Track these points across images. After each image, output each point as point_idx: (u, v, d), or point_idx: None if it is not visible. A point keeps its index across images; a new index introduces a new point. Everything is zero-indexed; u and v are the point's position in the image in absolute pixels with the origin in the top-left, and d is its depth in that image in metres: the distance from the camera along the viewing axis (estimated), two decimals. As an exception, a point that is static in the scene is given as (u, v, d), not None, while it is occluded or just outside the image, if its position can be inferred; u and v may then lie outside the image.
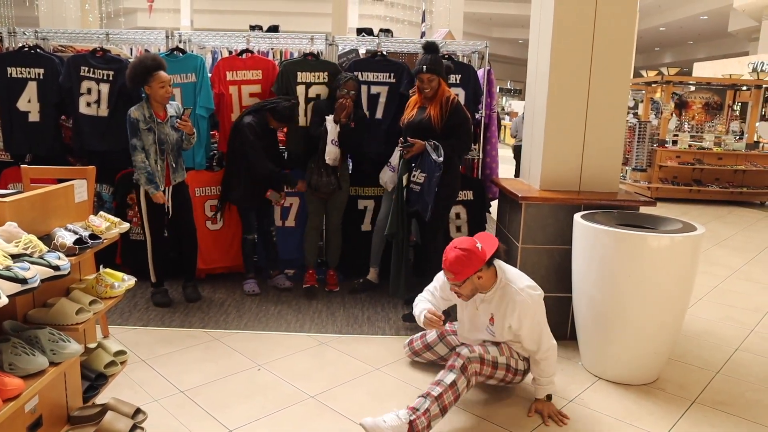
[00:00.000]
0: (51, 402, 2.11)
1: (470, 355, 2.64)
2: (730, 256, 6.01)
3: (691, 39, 23.03)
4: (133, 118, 3.63)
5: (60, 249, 1.96)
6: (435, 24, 14.43)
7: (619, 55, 3.54)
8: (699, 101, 10.88)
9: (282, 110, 4.03)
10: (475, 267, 2.59)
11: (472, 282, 2.64)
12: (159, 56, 3.76)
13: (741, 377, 3.23)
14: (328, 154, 3.98)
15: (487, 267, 2.66)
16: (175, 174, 3.83)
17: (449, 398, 2.55)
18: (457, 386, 2.57)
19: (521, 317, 2.63)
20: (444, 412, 2.53)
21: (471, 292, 2.70)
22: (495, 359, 2.72)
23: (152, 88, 3.61)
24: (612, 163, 3.65)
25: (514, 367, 2.77)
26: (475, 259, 2.59)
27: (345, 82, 4.00)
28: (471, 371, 2.62)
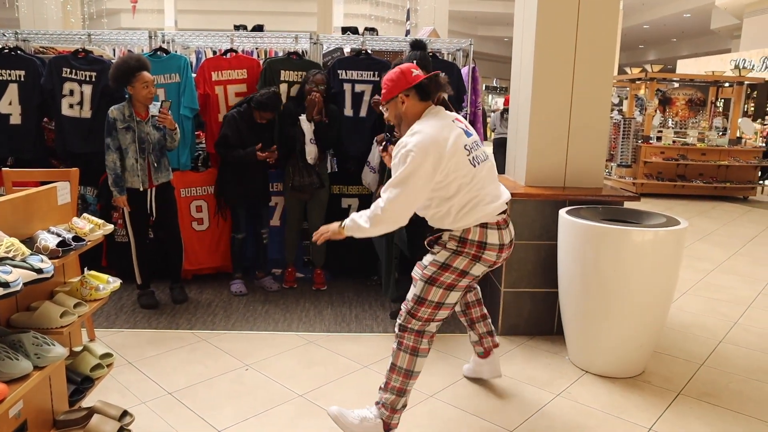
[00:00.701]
0: (36, 406, 2.09)
1: (398, 322, 2.49)
2: (714, 250, 6.08)
3: (675, 36, 23.25)
4: (111, 117, 3.61)
5: (43, 252, 1.95)
6: (420, 22, 14.45)
7: (602, 52, 3.57)
8: (682, 98, 10.99)
9: (260, 98, 4.00)
10: (400, 87, 2.41)
11: (396, 105, 2.45)
12: (143, 56, 3.73)
13: (725, 369, 3.27)
14: (309, 153, 3.98)
15: (417, 97, 2.43)
16: (158, 174, 3.80)
17: (396, 380, 2.44)
18: (398, 365, 2.45)
19: (394, 153, 2.37)
20: (401, 393, 2.44)
21: (396, 119, 2.49)
22: (416, 296, 2.45)
23: (135, 89, 3.59)
24: (596, 159, 3.68)
25: (440, 278, 2.41)
26: (402, 81, 2.42)
27: (313, 76, 4.01)
28: (406, 341, 2.45)
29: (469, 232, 2.39)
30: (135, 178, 3.71)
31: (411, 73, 2.43)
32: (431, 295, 2.42)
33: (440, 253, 2.44)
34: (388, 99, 2.47)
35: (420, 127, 2.35)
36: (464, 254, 2.40)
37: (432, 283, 2.42)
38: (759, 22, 14.53)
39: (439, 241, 2.47)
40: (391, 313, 3.86)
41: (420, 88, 2.42)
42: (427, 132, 2.32)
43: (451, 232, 2.42)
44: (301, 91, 4.15)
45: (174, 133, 3.80)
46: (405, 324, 2.47)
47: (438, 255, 2.44)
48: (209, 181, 4.39)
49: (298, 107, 4.10)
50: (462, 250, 2.40)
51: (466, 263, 2.40)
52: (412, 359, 2.45)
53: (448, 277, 2.41)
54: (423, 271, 2.46)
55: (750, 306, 4.35)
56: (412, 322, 2.46)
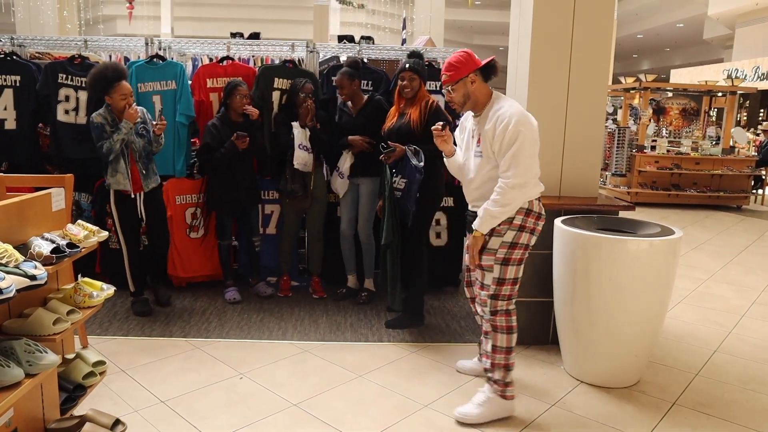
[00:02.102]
0: (27, 414, 2.07)
1: (488, 310, 2.73)
2: (708, 260, 6.10)
3: (668, 46, 23.43)
4: (97, 122, 3.57)
5: (37, 258, 1.94)
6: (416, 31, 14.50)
7: (597, 61, 3.59)
8: (676, 107, 11.07)
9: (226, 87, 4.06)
10: (469, 68, 2.67)
11: (465, 86, 2.69)
12: (121, 66, 3.71)
13: (720, 379, 3.27)
14: (297, 158, 3.99)
15: (482, 79, 2.71)
16: (147, 180, 3.77)
17: (501, 359, 2.73)
18: (498, 345, 2.73)
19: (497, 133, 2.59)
20: (507, 368, 2.75)
21: (463, 98, 2.72)
22: (497, 278, 2.69)
23: (113, 99, 3.56)
24: (591, 169, 3.69)
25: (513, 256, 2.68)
26: (470, 62, 2.69)
27: (302, 86, 4.04)
28: (500, 323, 2.73)
29: (533, 204, 2.67)
30: (126, 181, 3.67)
31: (475, 56, 2.73)
32: (509, 273, 2.70)
33: (506, 233, 2.65)
34: (457, 79, 2.69)
35: (507, 104, 2.65)
36: (526, 229, 2.67)
37: (507, 263, 2.69)
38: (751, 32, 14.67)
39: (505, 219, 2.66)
40: (386, 322, 3.84)
41: (486, 70, 2.71)
42: (517, 106, 2.64)
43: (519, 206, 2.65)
44: (289, 99, 4.15)
45: (160, 138, 3.79)
46: (494, 308, 2.73)
47: (505, 236, 2.66)
48: (204, 188, 4.37)
49: (288, 116, 4.11)
50: (525, 225, 2.66)
51: (528, 237, 2.69)
52: (509, 337, 2.75)
53: (518, 253, 2.69)
54: (496, 256, 2.68)
55: (744, 315, 4.36)
56: (499, 304, 2.73)
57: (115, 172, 3.65)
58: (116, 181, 3.67)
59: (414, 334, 3.72)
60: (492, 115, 2.64)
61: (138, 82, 4.21)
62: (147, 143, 3.74)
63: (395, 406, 2.84)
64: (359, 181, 4.09)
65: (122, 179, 3.67)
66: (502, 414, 2.75)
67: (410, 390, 3.01)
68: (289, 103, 4.15)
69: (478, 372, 3.15)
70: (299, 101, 4.02)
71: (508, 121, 2.55)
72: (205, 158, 4.07)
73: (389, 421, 2.71)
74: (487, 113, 2.69)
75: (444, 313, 4.14)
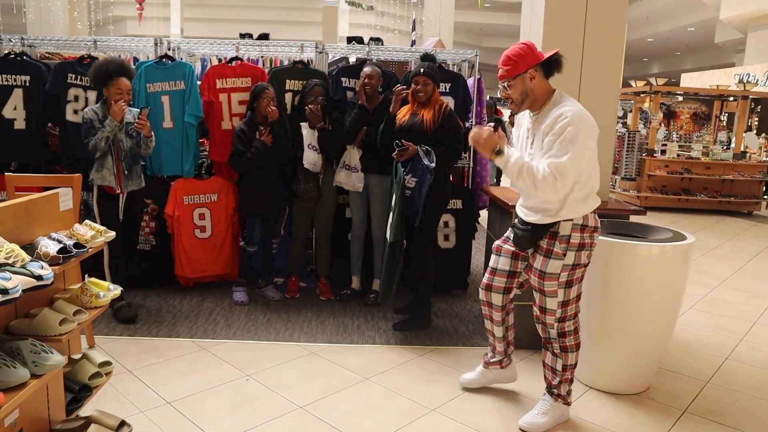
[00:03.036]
0: (32, 415, 2.06)
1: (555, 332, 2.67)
2: (719, 265, 6.04)
3: (679, 50, 23.30)
4: (87, 118, 3.55)
5: (43, 258, 1.93)
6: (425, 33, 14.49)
7: (609, 65, 3.56)
8: (687, 111, 10.99)
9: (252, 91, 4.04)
10: (528, 62, 2.46)
11: (523, 82, 2.49)
12: (126, 63, 3.68)
13: (731, 386, 3.23)
14: (306, 158, 4.00)
15: (543, 75, 2.51)
16: (128, 181, 3.71)
17: (569, 374, 2.72)
18: (569, 363, 2.70)
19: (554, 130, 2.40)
20: (571, 381, 2.76)
21: (521, 96, 2.52)
22: (562, 302, 2.61)
23: (109, 92, 3.54)
24: (602, 172, 3.63)
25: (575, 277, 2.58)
26: (531, 56, 2.47)
27: (311, 89, 4.06)
28: (569, 343, 2.67)
29: (588, 218, 2.54)
30: (112, 177, 3.63)
31: (536, 48, 2.51)
32: (572, 293, 2.62)
33: (567, 255, 2.53)
34: (515, 74, 2.49)
35: (570, 103, 2.47)
36: (585, 246, 2.55)
37: (570, 285, 2.60)
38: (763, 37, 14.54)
39: (561, 238, 2.53)
40: (394, 325, 3.82)
41: (547, 64, 2.50)
42: (582, 109, 2.45)
43: (573, 222, 2.51)
44: (301, 100, 4.19)
45: (149, 140, 3.72)
46: (562, 330, 2.66)
47: (566, 258, 2.53)
48: (213, 188, 4.37)
49: (301, 117, 4.13)
50: (584, 242, 2.53)
51: (588, 254, 2.58)
52: (577, 354, 2.70)
53: (579, 272, 2.60)
54: (559, 280, 2.57)
55: (756, 322, 4.30)
56: (567, 325, 2.66)
57: (101, 168, 3.61)
58: (102, 177, 3.62)
59: (421, 337, 3.70)
60: (551, 114, 2.44)
61: (147, 82, 4.22)
62: (135, 145, 3.70)
63: (402, 410, 2.82)
64: (369, 178, 4.08)
65: (108, 175, 3.62)
66: (563, 419, 2.76)
67: (418, 393, 2.98)
68: (301, 104, 4.16)
69: (483, 382, 3.06)
70: (306, 103, 4.04)
71: (569, 121, 2.37)
72: (237, 161, 4.02)
73: (396, 424, 2.69)
74: (546, 112, 2.49)
75: (452, 315, 4.12)
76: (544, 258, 2.57)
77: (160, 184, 4.35)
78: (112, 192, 3.69)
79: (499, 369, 3.03)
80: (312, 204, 4.15)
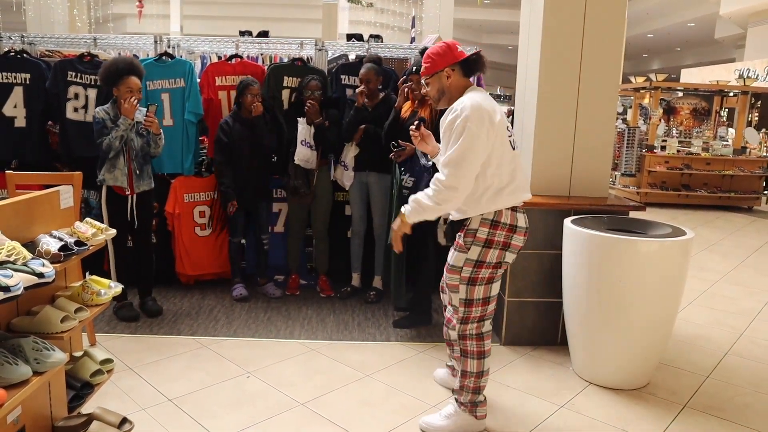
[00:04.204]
0: (34, 412, 2.07)
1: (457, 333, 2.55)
2: (719, 261, 6.04)
3: (679, 46, 23.23)
4: (99, 118, 3.54)
5: (44, 256, 1.93)
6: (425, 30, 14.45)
7: (608, 61, 3.56)
8: (687, 107, 10.98)
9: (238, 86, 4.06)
10: (446, 61, 2.45)
11: (440, 80, 2.47)
12: (136, 61, 3.68)
13: (731, 381, 3.23)
14: (298, 154, 4.01)
15: (461, 73, 2.48)
16: (139, 181, 3.70)
17: (470, 382, 2.54)
18: (468, 370, 2.53)
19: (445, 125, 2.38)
20: (477, 391, 2.56)
21: (437, 93, 2.51)
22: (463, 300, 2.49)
23: (120, 92, 3.54)
24: (601, 168, 3.66)
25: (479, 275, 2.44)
26: (449, 55, 2.46)
27: (307, 83, 4.07)
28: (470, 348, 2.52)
29: (501, 214, 2.41)
30: (124, 178, 3.63)
31: (457, 48, 2.49)
32: (476, 293, 2.47)
33: (471, 250, 2.43)
34: (433, 72, 2.49)
35: (468, 96, 2.39)
36: (495, 244, 2.41)
37: (473, 283, 2.45)
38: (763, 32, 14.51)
39: (468, 231, 2.44)
40: (394, 321, 3.83)
41: (466, 64, 2.48)
42: (477, 100, 2.36)
43: (483, 216, 2.41)
44: (298, 95, 4.18)
45: (158, 138, 3.71)
46: (463, 332, 2.53)
47: (470, 253, 2.43)
48: (213, 186, 4.38)
49: (296, 112, 4.13)
50: (492, 239, 2.40)
51: (498, 254, 2.43)
52: (480, 363, 2.54)
53: (485, 272, 2.44)
54: (461, 275, 2.46)
55: (756, 317, 4.31)
56: (468, 328, 2.52)
57: (113, 168, 3.60)
58: (114, 177, 3.61)
59: (422, 334, 3.70)
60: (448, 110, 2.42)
61: (147, 80, 4.21)
62: (146, 144, 3.70)
63: (403, 406, 2.83)
64: (368, 176, 4.09)
65: (120, 176, 3.62)
66: (469, 430, 2.58)
67: (418, 390, 2.99)
68: (298, 100, 4.16)
69: (448, 385, 2.97)
70: (303, 99, 4.04)
71: (458, 114, 2.32)
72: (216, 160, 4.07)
73: (397, 421, 2.69)
74: None
75: (452, 313, 4.12)
76: (452, 251, 2.52)
77: (160, 182, 4.34)
78: (122, 193, 3.68)
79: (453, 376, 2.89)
80: (306, 200, 4.15)
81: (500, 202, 2.41)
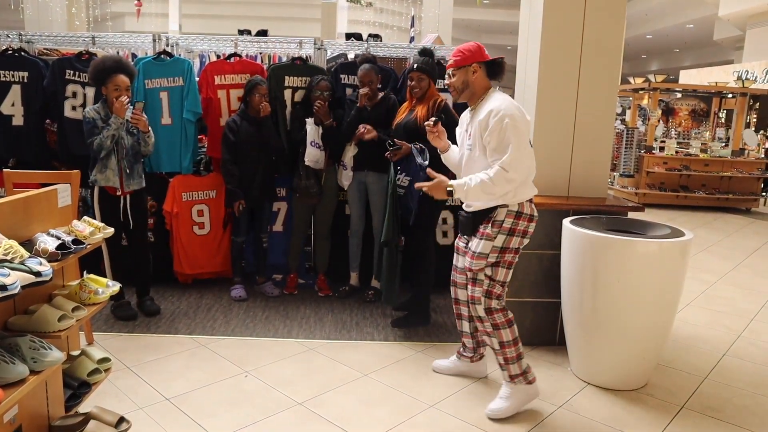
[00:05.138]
0: (31, 411, 2.06)
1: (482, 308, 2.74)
2: (717, 262, 6.05)
3: (678, 47, 23.27)
4: (89, 117, 3.51)
5: (42, 254, 1.92)
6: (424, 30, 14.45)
7: (607, 62, 3.56)
8: (685, 108, 10.99)
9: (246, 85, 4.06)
10: (475, 58, 2.72)
11: (466, 73, 2.73)
12: (124, 59, 3.65)
13: (729, 382, 3.23)
14: (308, 155, 4.00)
15: (485, 72, 2.75)
16: (129, 180, 3.67)
17: (511, 351, 2.75)
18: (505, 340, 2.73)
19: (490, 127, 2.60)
20: (520, 357, 2.77)
21: (462, 85, 2.75)
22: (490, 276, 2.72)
23: (107, 90, 3.52)
24: (600, 169, 3.66)
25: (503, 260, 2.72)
26: (479, 54, 2.74)
27: (317, 83, 4.06)
28: (498, 320, 2.73)
29: (523, 206, 2.68)
30: (115, 178, 3.60)
31: (485, 50, 2.78)
32: (499, 274, 2.73)
33: (497, 238, 2.68)
34: (461, 65, 2.74)
35: (501, 98, 2.67)
36: (517, 232, 2.68)
37: (497, 265, 2.73)
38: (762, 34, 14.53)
39: (495, 222, 2.68)
40: (392, 321, 3.83)
41: (491, 66, 2.77)
42: (513, 102, 2.68)
43: (509, 208, 2.67)
44: (307, 96, 4.17)
45: (147, 136, 3.68)
46: (488, 306, 2.74)
47: (496, 240, 2.68)
48: (211, 185, 4.37)
49: (306, 112, 4.11)
50: (515, 228, 2.67)
51: (520, 240, 2.71)
52: (512, 329, 2.76)
53: (509, 256, 2.72)
54: (487, 260, 2.70)
55: (753, 319, 4.31)
56: (493, 302, 2.74)
57: (104, 168, 3.58)
58: (105, 178, 3.58)
59: (420, 333, 3.70)
60: (484, 109, 2.66)
61: (145, 78, 4.21)
62: (136, 142, 3.67)
63: (401, 406, 2.83)
64: (367, 176, 4.08)
65: (112, 176, 3.59)
66: (530, 399, 2.81)
67: (416, 390, 2.99)
68: (307, 100, 4.16)
69: (454, 371, 3.18)
70: (313, 98, 4.03)
71: (503, 115, 2.56)
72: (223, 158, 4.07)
73: (395, 420, 2.69)
74: (480, 106, 2.72)
75: (450, 312, 4.09)
76: (478, 240, 2.73)
77: (158, 181, 4.34)
78: (113, 193, 3.66)
79: (470, 362, 3.17)
80: (314, 200, 4.15)
81: (523, 194, 2.68)
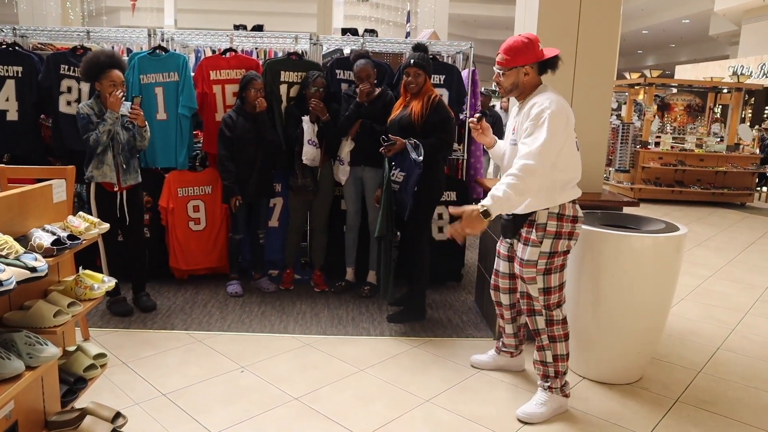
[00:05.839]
0: (27, 407, 2.06)
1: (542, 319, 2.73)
2: (712, 256, 6.08)
3: (673, 42, 23.31)
4: (83, 113, 3.49)
5: (37, 250, 1.92)
6: (420, 25, 14.44)
7: (603, 57, 3.56)
8: (681, 103, 11.00)
9: (242, 80, 4.04)
10: (528, 58, 2.58)
11: (517, 74, 2.62)
12: (117, 55, 3.62)
13: (723, 376, 3.26)
14: (305, 154, 4.00)
15: (537, 72, 2.64)
16: (126, 176, 3.65)
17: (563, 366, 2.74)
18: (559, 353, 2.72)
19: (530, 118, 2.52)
20: (565, 372, 2.76)
21: (510, 86, 2.66)
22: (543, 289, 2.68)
23: (102, 86, 3.49)
24: (596, 164, 3.67)
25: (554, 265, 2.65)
26: (531, 53, 2.58)
27: (313, 80, 4.05)
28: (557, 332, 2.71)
29: (565, 207, 2.62)
30: (112, 173, 3.58)
31: (539, 46, 2.61)
32: (552, 281, 2.67)
33: (544, 243, 2.62)
34: (512, 66, 2.61)
35: (553, 95, 2.55)
36: (563, 235, 2.62)
37: (549, 272, 2.66)
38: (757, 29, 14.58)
39: (538, 225, 2.63)
40: (388, 316, 3.84)
41: (543, 65, 2.63)
42: (561, 100, 2.55)
43: (549, 210, 2.61)
44: (302, 92, 4.16)
45: (144, 131, 3.67)
46: (550, 318, 2.71)
47: (543, 246, 2.63)
48: (207, 180, 4.36)
49: (300, 108, 4.10)
50: (561, 231, 2.61)
51: (567, 243, 2.65)
52: (567, 344, 2.74)
53: (558, 260, 2.66)
54: (536, 267, 2.66)
55: (747, 313, 4.34)
56: (555, 314, 2.71)
57: (101, 164, 3.56)
58: (102, 174, 3.56)
59: (416, 329, 3.71)
60: (530, 104, 2.58)
61: (140, 73, 4.19)
62: (131, 137, 3.66)
63: (397, 401, 2.84)
64: (363, 171, 4.09)
65: (109, 171, 3.57)
66: (561, 411, 2.77)
67: (412, 384, 3.00)
68: (302, 96, 4.15)
69: (493, 366, 3.20)
70: (308, 95, 4.02)
71: (545, 108, 2.48)
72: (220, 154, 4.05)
73: (391, 415, 2.70)
74: (528, 102, 2.62)
75: (446, 307, 4.13)
76: (524, 246, 2.69)
77: (154, 177, 4.33)
78: (110, 189, 3.64)
79: (509, 357, 3.19)
80: (310, 197, 4.15)
81: (564, 196, 2.61)
